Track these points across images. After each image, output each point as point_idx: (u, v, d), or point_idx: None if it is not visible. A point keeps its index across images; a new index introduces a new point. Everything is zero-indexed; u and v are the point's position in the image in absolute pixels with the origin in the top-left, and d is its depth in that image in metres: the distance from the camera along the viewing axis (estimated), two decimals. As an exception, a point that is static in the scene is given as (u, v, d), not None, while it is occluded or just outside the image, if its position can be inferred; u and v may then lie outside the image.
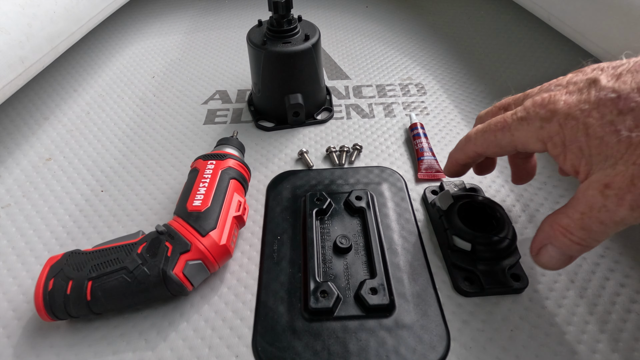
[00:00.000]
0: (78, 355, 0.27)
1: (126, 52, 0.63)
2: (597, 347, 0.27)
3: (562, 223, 0.22)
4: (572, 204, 0.22)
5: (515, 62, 0.57)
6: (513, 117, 0.24)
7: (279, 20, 0.41)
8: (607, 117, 0.19)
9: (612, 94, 0.19)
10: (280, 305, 0.29)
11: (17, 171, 0.41)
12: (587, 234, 0.22)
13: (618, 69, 0.21)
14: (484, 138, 0.26)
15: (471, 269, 0.30)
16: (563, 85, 0.23)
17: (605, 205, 0.20)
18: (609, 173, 0.20)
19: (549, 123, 0.22)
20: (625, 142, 0.19)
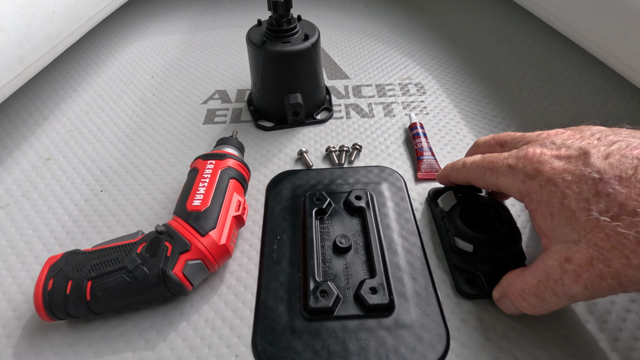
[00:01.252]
0: (78, 354, 0.27)
1: (125, 52, 0.63)
2: (597, 347, 0.27)
3: (517, 286, 0.24)
4: (531, 269, 0.23)
5: (514, 62, 0.57)
6: (503, 162, 0.25)
7: (279, 20, 0.41)
8: (584, 194, 0.20)
9: (596, 174, 0.20)
10: (280, 305, 0.29)
11: (17, 171, 0.41)
12: (539, 302, 0.23)
13: (611, 146, 0.21)
14: (475, 171, 0.28)
15: (472, 271, 0.29)
16: (557, 145, 0.23)
17: (562, 279, 0.21)
18: (571, 248, 0.21)
19: (532, 180, 0.23)
20: (592, 223, 0.20)
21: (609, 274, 0.19)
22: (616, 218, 0.19)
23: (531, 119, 0.47)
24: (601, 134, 0.23)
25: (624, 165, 0.20)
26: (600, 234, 0.19)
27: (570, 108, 0.48)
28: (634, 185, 0.19)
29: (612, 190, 0.19)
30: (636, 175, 0.19)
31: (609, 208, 0.19)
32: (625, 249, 0.19)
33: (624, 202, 0.19)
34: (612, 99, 0.49)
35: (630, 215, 0.19)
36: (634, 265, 0.19)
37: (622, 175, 0.20)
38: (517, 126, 0.46)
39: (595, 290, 0.20)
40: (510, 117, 0.47)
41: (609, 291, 0.20)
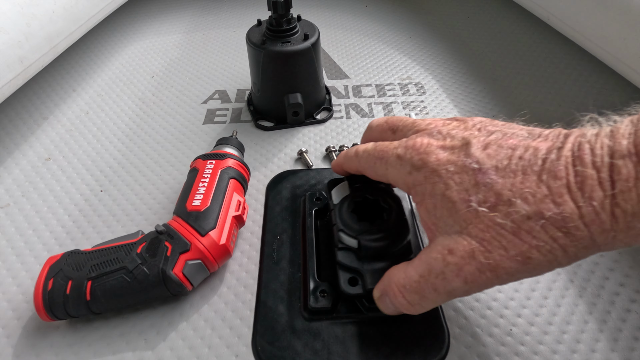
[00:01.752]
0: (77, 354, 0.27)
1: (125, 52, 0.63)
2: (596, 346, 0.27)
3: (399, 282, 0.23)
4: (415, 262, 0.22)
5: (514, 62, 0.57)
6: (392, 152, 0.24)
7: (278, 20, 0.41)
8: (465, 184, 0.20)
9: (475, 164, 0.20)
10: (279, 305, 0.29)
11: (16, 171, 0.41)
12: (419, 299, 0.22)
13: (489, 136, 0.21)
14: (366, 161, 0.26)
15: (357, 269, 0.26)
16: (443, 135, 0.23)
17: (444, 272, 0.20)
18: (454, 239, 0.20)
19: (418, 172, 0.22)
20: (472, 214, 0.19)
21: (488, 266, 0.19)
22: (494, 208, 0.19)
23: (531, 118, 0.47)
24: (481, 124, 0.23)
25: (500, 155, 0.20)
26: (480, 224, 0.19)
27: (570, 108, 0.48)
28: (508, 174, 0.19)
29: (490, 180, 0.19)
30: (510, 165, 0.19)
31: (487, 198, 0.19)
32: (503, 239, 0.18)
33: (500, 192, 0.19)
34: (612, 99, 0.49)
35: (506, 205, 0.19)
36: (511, 256, 0.18)
37: (498, 165, 0.20)
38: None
39: (474, 284, 0.20)
40: (510, 116, 0.47)
41: (486, 285, 0.20)
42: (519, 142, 0.20)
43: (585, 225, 0.17)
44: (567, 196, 0.18)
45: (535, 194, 0.18)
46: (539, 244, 0.18)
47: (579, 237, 0.17)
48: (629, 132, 0.17)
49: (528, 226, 0.18)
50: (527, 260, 0.18)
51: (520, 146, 0.20)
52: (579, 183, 0.17)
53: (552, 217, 0.18)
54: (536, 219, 0.18)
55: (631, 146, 0.17)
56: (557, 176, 0.18)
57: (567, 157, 0.18)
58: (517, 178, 0.19)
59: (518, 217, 0.18)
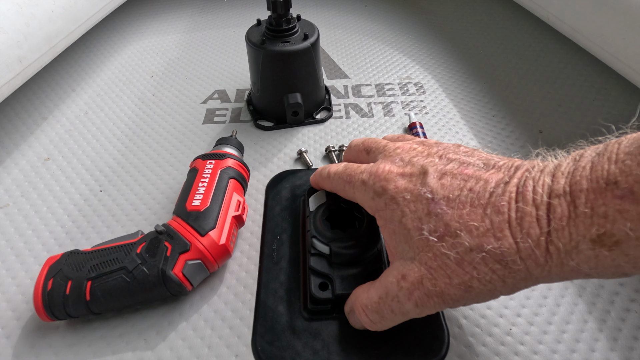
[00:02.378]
0: (77, 355, 0.27)
1: (125, 52, 0.63)
2: (596, 346, 0.27)
3: (362, 302, 0.24)
4: (375, 285, 0.24)
5: (514, 61, 0.58)
6: (358, 177, 0.25)
7: (278, 20, 0.41)
8: (419, 213, 0.21)
9: (429, 194, 0.21)
10: (279, 305, 0.29)
11: (16, 171, 0.41)
12: (380, 319, 0.23)
13: (447, 165, 0.22)
14: (337, 183, 0.28)
15: (328, 274, 0.27)
16: (404, 162, 0.24)
17: (398, 296, 0.21)
18: (407, 265, 0.21)
19: (379, 198, 0.23)
20: (423, 242, 0.20)
21: (435, 292, 0.20)
22: (441, 238, 0.20)
23: (530, 118, 0.47)
24: (444, 152, 0.23)
25: (453, 185, 0.20)
26: (429, 253, 0.20)
27: (570, 107, 0.48)
28: (457, 206, 0.20)
29: (440, 211, 0.20)
30: (460, 197, 0.20)
31: (437, 228, 0.20)
32: (448, 268, 0.19)
33: (449, 223, 0.20)
34: (612, 99, 0.49)
35: (452, 237, 0.19)
36: (455, 284, 0.19)
37: (450, 196, 0.20)
38: (517, 125, 0.46)
39: (424, 307, 0.21)
40: (510, 116, 0.47)
41: (435, 308, 0.21)
42: (473, 172, 0.21)
43: (521, 260, 0.18)
44: (507, 231, 0.18)
45: (479, 227, 0.19)
46: (479, 275, 0.19)
47: (516, 270, 0.18)
48: (568, 171, 0.18)
49: (470, 258, 0.19)
50: (469, 289, 0.19)
51: (472, 177, 0.20)
52: (518, 219, 0.18)
53: (492, 250, 0.18)
54: (477, 251, 0.19)
55: (567, 186, 0.17)
56: (500, 211, 0.19)
57: (511, 193, 0.19)
58: (465, 210, 0.20)
59: (462, 249, 0.19)
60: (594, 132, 0.47)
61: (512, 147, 0.43)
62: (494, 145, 0.43)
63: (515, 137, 0.44)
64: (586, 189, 0.17)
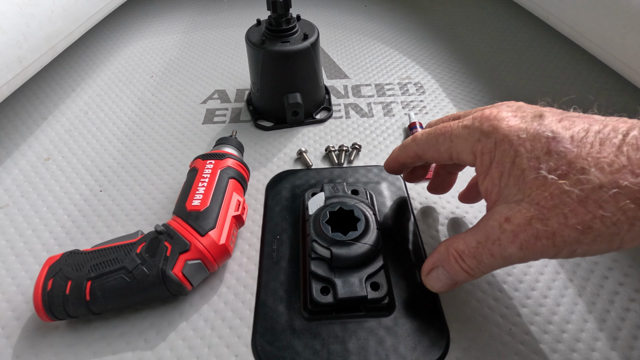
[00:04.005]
0: (77, 355, 0.27)
1: (124, 52, 0.63)
2: (596, 345, 0.27)
3: (457, 248, 0.23)
4: (472, 230, 0.23)
5: (513, 61, 0.58)
6: (458, 124, 0.24)
7: (278, 20, 0.41)
8: (536, 152, 0.20)
9: (550, 132, 0.20)
10: (279, 305, 0.29)
11: (16, 171, 0.41)
12: (477, 264, 0.22)
13: (563, 113, 0.22)
14: (427, 140, 0.26)
15: (329, 278, 0.27)
16: (512, 108, 0.23)
17: (500, 238, 0.20)
18: (513, 208, 0.20)
19: (487, 138, 0.22)
20: (540, 181, 0.19)
21: (545, 233, 0.19)
22: (564, 176, 0.19)
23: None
24: (551, 108, 0.23)
25: (576, 127, 0.20)
26: (545, 192, 0.19)
27: (569, 107, 0.48)
28: (584, 145, 0.19)
29: (564, 149, 0.19)
30: (587, 137, 0.19)
31: (558, 166, 0.19)
32: (566, 207, 0.18)
33: (574, 160, 0.19)
34: (612, 99, 0.49)
35: (577, 173, 0.18)
36: (570, 225, 0.18)
37: (574, 136, 0.19)
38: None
39: (529, 250, 0.20)
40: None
41: (542, 252, 0.20)
42: (595, 120, 0.20)
43: None
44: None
45: (613, 163, 0.18)
46: (605, 214, 0.18)
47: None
48: None
49: (597, 195, 0.18)
50: (587, 230, 0.18)
51: (597, 122, 0.20)
52: None
53: (628, 186, 0.17)
54: (608, 189, 0.17)
55: None
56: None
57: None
58: (594, 148, 0.19)
59: (589, 185, 0.18)
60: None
61: (512, 147, 0.43)
62: (493, 145, 0.43)
63: (515, 137, 0.44)
64: None
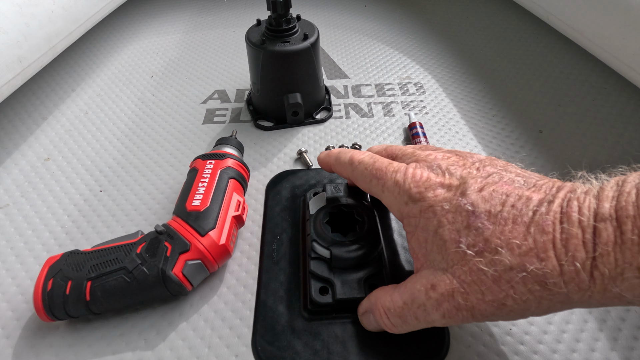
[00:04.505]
0: (77, 355, 0.27)
1: (124, 52, 0.63)
2: (596, 346, 0.27)
3: (384, 304, 0.24)
4: (400, 289, 0.23)
5: (514, 61, 0.58)
6: (392, 175, 0.24)
7: (278, 20, 0.41)
8: (457, 225, 0.20)
9: (470, 206, 0.20)
10: (279, 305, 0.29)
11: (16, 171, 0.41)
12: (401, 323, 0.23)
13: (486, 179, 0.21)
14: (362, 175, 0.26)
15: (328, 278, 0.27)
16: (442, 170, 0.23)
17: (425, 304, 0.21)
18: (438, 276, 0.21)
19: (414, 204, 0.22)
20: (460, 255, 0.20)
21: (465, 307, 0.20)
22: (480, 254, 0.19)
23: (530, 118, 0.47)
24: (480, 164, 0.23)
25: (494, 200, 0.20)
26: (465, 267, 0.20)
27: (569, 107, 0.48)
28: (499, 222, 0.19)
29: (481, 225, 0.20)
30: (502, 212, 0.19)
31: (476, 242, 0.19)
32: (483, 285, 0.19)
33: (489, 239, 0.19)
34: (611, 98, 0.49)
35: (491, 253, 0.19)
36: (487, 301, 0.19)
37: (491, 211, 0.20)
38: (517, 125, 0.46)
39: (451, 319, 0.21)
40: (510, 116, 0.47)
41: (462, 321, 0.20)
42: (514, 189, 0.20)
43: (564, 283, 0.17)
44: (552, 252, 0.18)
45: (522, 245, 0.18)
46: (515, 295, 0.18)
47: (556, 293, 0.18)
48: (612, 196, 0.18)
49: (509, 276, 0.18)
50: (501, 307, 0.19)
51: (514, 193, 0.20)
52: (564, 240, 0.18)
53: (534, 271, 0.18)
54: (518, 271, 0.18)
55: (612, 210, 0.17)
56: (544, 230, 0.18)
57: (555, 213, 0.18)
58: (507, 227, 0.19)
59: (501, 266, 0.19)
60: (595, 132, 0.47)
61: (512, 147, 0.43)
62: (493, 145, 0.43)
63: (515, 137, 0.44)
64: (632, 215, 0.16)
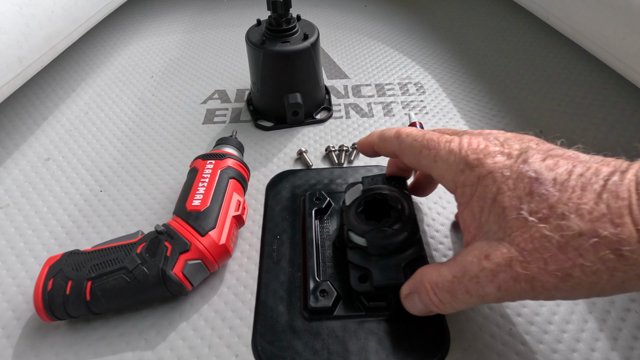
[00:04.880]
0: (77, 355, 0.27)
1: (125, 52, 0.63)
2: (596, 345, 0.27)
3: (431, 279, 0.22)
4: (449, 263, 0.22)
5: (514, 61, 0.58)
6: (445, 144, 0.23)
7: (278, 20, 0.41)
8: (519, 192, 0.20)
9: (533, 173, 0.20)
10: (279, 305, 0.29)
11: (16, 171, 0.41)
12: (450, 299, 0.22)
13: (548, 152, 0.21)
14: (410, 146, 0.25)
15: (366, 267, 0.27)
16: (500, 141, 0.22)
17: (478, 276, 0.20)
18: (493, 246, 0.20)
19: (471, 171, 0.22)
20: (520, 222, 0.19)
21: (525, 277, 0.19)
22: (544, 220, 0.18)
23: (530, 118, 0.47)
24: (538, 141, 0.22)
25: (560, 169, 0.19)
26: (525, 234, 0.19)
27: (570, 107, 0.48)
28: (566, 189, 0.19)
29: (545, 192, 0.19)
30: (569, 181, 0.19)
31: (539, 209, 0.19)
32: (546, 252, 0.18)
33: (554, 205, 0.18)
34: (611, 98, 0.49)
35: (558, 218, 0.18)
36: (550, 270, 0.18)
37: (557, 178, 0.19)
38: (517, 125, 0.46)
39: (507, 292, 0.19)
40: (510, 116, 0.47)
41: (520, 295, 0.19)
42: (579, 161, 0.20)
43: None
44: (628, 218, 0.17)
45: (593, 211, 0.17)
46: (585, 263, 0.17)
47: (632, 263, 0.17)
48: None
49: (577, 243, 0.17)
50: (566, 277, 0.18)
51: (580, 165, 0.19)
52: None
53: (607, 237, 0.17)
54: (588, 237, 0.17)
55: None
56: (619, 197, 0.17)
57: (630, 181, 0.18)
58: (575, 193, 0.18)
59: (569, 232, 0.18)
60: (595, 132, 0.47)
61: (512, 147, 0.43)
62: (494, 145, 0.43)
63: (515, 137, 0.44)
64: None
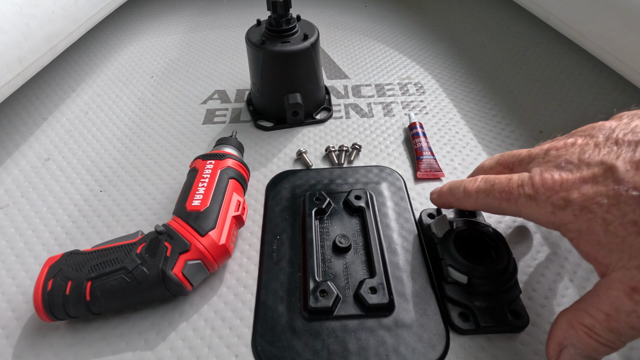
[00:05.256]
0: (77, 355, 0.27)
1: (124, 52, 0.63)
2: (596, 346, 0.27)
3: (584, 322, 0.20)
4: (593, 301, 0.20)
5: (514, 61, 0.58)
6: (520, 192, 0.22)
7: (278, 20, 0.41)
8: (630, 216, 0.18)
9: (634, 191, 0.18)
10: (279, 305, 0.29)
11: (16, 172, 0.41)
12: (617, 337, 0.20)
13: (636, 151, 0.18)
14: (486, 201, 0.24)
15: (467, 304, 0.27)
16: (574, 164, 0.20)
17: (636, 310, 0.18)
18: (635, 275, 0.18)
19: (563, 211, 0.20)
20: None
21: None
22: None
23: (530, 118, 0.47)
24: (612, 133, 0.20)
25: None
26: None
27: (570, 107, 0.48)
28: None
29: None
30: None
31: None
32: None
33: None
34: (611, 99, 0.49)
35: None
36: None
37: None
38: (517, 125, 0.46)
39: None
40: (510, 116, 0.47)
41: None
42: None
43: None
44: None
45: None
46: None
47: None
48: None
49: None
50: None
51: None
52: None
53: None
54: None
55: None
56: None
57: None
58: None
59: None
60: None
61: (512, 147, 0.43)
62: (494, 145, 0.43)
63: (515, 137, 0.44)
64: None
